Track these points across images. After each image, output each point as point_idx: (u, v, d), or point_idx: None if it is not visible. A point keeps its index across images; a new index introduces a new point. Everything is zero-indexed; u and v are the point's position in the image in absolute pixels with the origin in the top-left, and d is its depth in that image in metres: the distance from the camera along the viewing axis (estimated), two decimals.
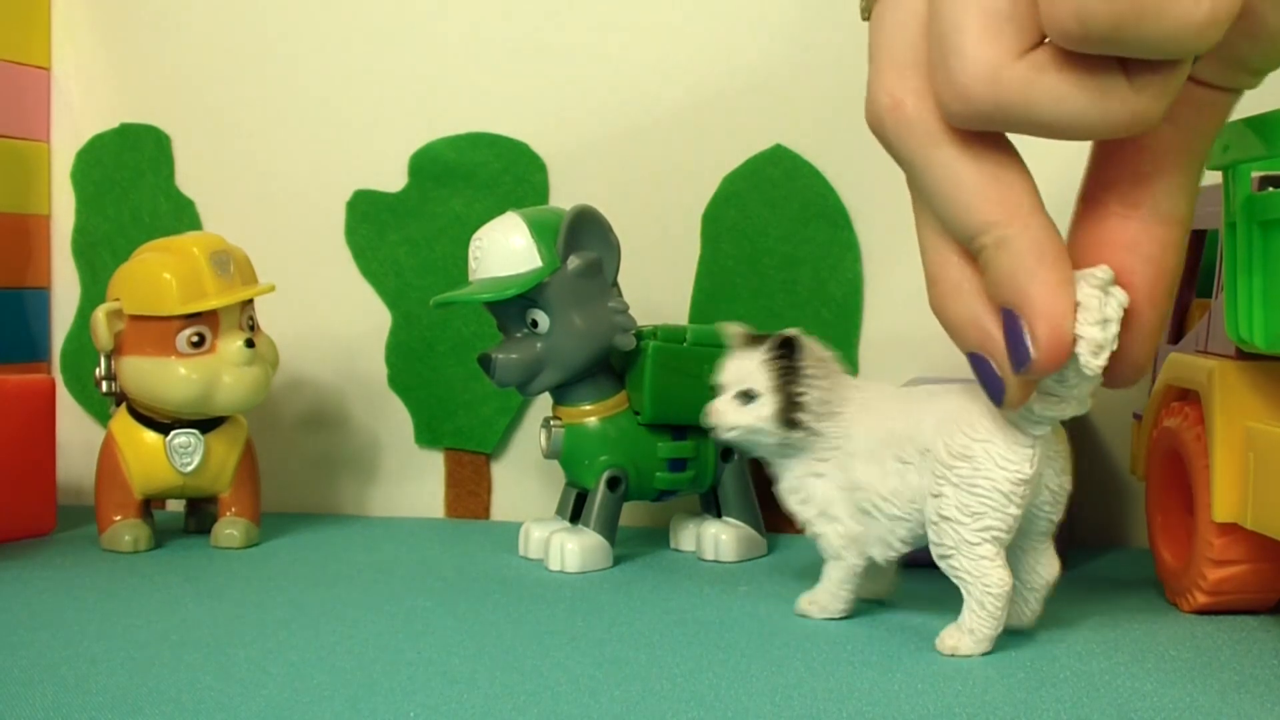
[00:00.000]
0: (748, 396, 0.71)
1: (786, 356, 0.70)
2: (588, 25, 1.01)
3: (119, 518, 0.90)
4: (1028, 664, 0.64)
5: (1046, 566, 0.68)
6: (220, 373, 0.88)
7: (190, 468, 0.90)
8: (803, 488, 0.71)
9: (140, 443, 0.90)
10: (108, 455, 0.91)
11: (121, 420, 0.91)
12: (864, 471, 0.69)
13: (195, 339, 0.88)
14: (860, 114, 0.55)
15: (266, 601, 0.76)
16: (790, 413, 0.70)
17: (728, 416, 0.71)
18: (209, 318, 0.89)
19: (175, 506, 1.03)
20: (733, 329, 0.73)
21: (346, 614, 0.73)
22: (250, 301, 0.92)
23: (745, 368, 0.71)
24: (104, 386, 0.91)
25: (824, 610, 0.72)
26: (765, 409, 0.70)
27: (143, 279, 0.89)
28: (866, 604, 0.74)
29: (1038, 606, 0.69)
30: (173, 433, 0.90)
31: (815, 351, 0.71)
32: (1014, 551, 0.67)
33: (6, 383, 0.93)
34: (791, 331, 0.70)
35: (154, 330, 0.88)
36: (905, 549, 0.69)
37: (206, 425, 0.91)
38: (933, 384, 0.72)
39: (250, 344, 0.89)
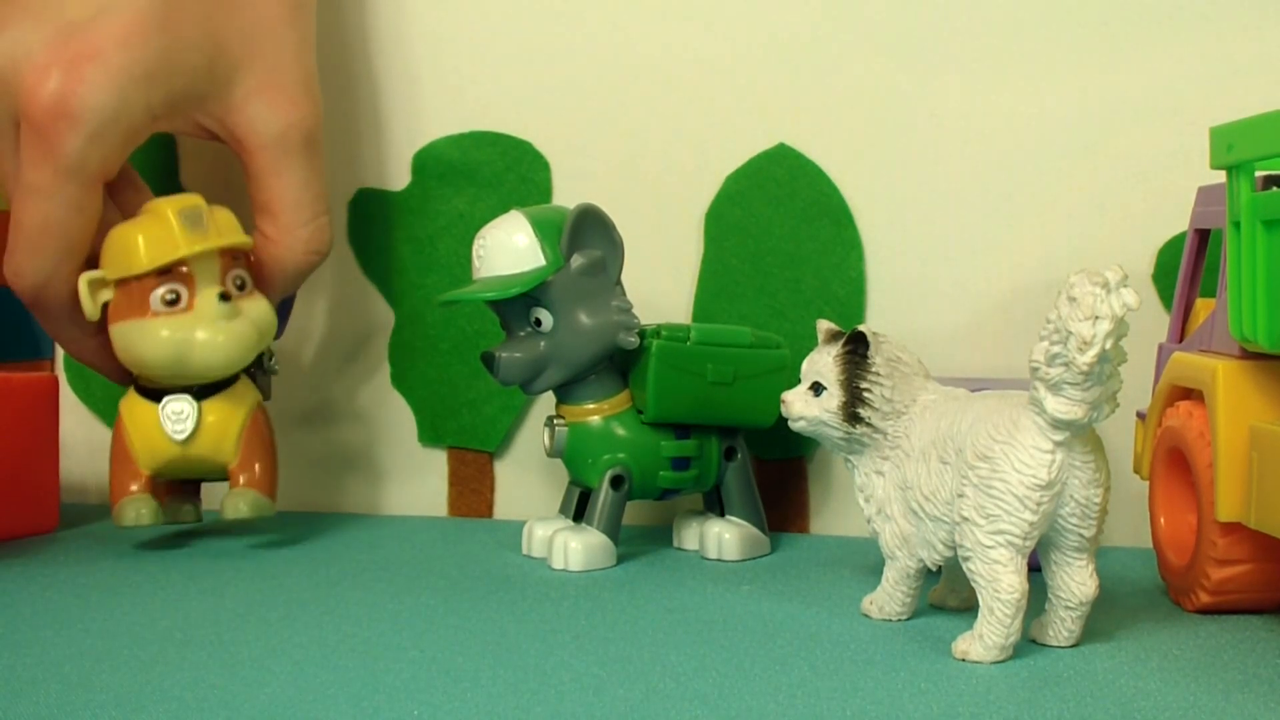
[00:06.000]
0: (818, 389, 0.72)
1: (856, 352, 0.71)
2: (591, 23, 1.01)
3: (131, 490, 0.89)
4: (1031, 663, 0.64)
5: (1081, 585, 0.65)
6: (195, 329, 0.85)
7: (184, 435, 0.87)
8: (867, 485, 0.72)
9: (140, 415, 0.88)
10: (116, 433, 0.90)
11: (129, 395, 0.90)
12: (913, 470, 0.69)
13: (170, 297, 0.85)
14: (864, 113, 0.55)
15: (269, 599, 0.76)
16: (853, 408, 0.70)
17: (795, 407, 0.72)
18: (183, 276, 0.86)
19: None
20: (822, 324, 0.74)
21: (349, 612, 0.73)
22: (240, 261, 0.89)
23: (821, 361, 0.72)
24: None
25: (882, 611, 0.72)
26: (831, 402, 0.71)
27: (117, 243, 0.87)
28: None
29: (1075, 627, 0.66)
30: (165, 399, 0.88)
31: (888, 351, 0.71)
32: (1047, 567, 0.66)
33: (9, 380, 0.93)
34: (865, 328, 0.71)
35: (132, 293, 0.86)
36: (949, 553, 0.67)
37: (203, 391, 0.88)
38: (954, 385, 0.73)
39: (225, 297, 0.86)
